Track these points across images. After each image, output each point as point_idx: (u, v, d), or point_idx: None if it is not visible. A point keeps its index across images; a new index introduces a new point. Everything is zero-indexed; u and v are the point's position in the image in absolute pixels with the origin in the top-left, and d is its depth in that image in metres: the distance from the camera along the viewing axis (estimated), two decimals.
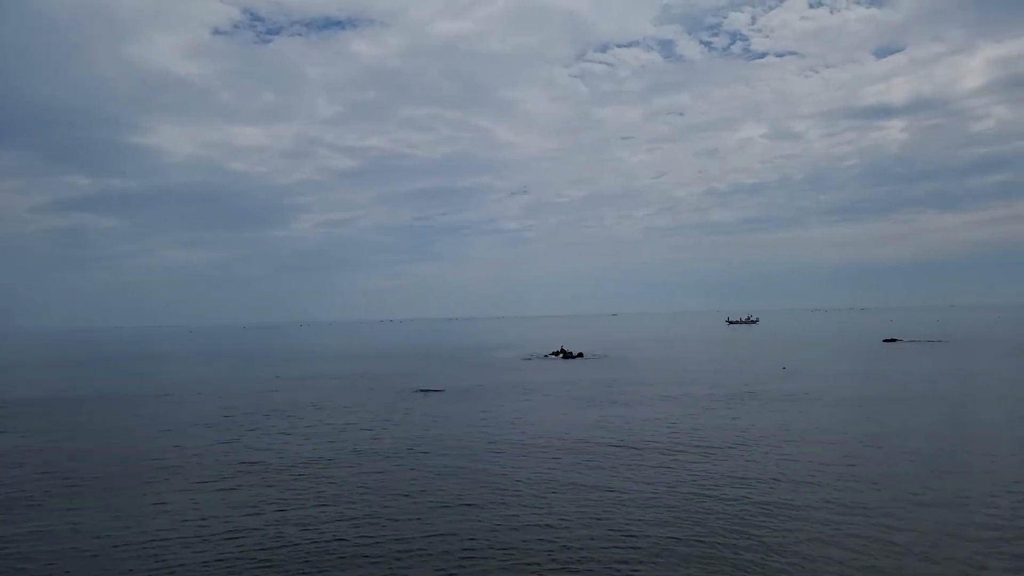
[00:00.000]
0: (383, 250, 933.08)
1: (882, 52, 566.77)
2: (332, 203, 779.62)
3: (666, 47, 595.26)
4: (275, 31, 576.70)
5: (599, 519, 14.98)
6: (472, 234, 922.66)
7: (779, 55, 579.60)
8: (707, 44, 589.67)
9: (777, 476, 18.36)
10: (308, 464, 21.29)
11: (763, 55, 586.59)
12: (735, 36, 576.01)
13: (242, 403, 36.80)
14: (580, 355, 69.27)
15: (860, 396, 34.89)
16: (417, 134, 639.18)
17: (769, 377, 44.90)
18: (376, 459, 21.92)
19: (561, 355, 70.27)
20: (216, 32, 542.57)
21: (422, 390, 41.07)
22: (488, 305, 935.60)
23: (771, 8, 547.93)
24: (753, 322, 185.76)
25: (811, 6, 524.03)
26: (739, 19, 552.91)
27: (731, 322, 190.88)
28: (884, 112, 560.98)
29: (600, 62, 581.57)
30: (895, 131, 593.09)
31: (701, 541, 13.41)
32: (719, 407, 31.52)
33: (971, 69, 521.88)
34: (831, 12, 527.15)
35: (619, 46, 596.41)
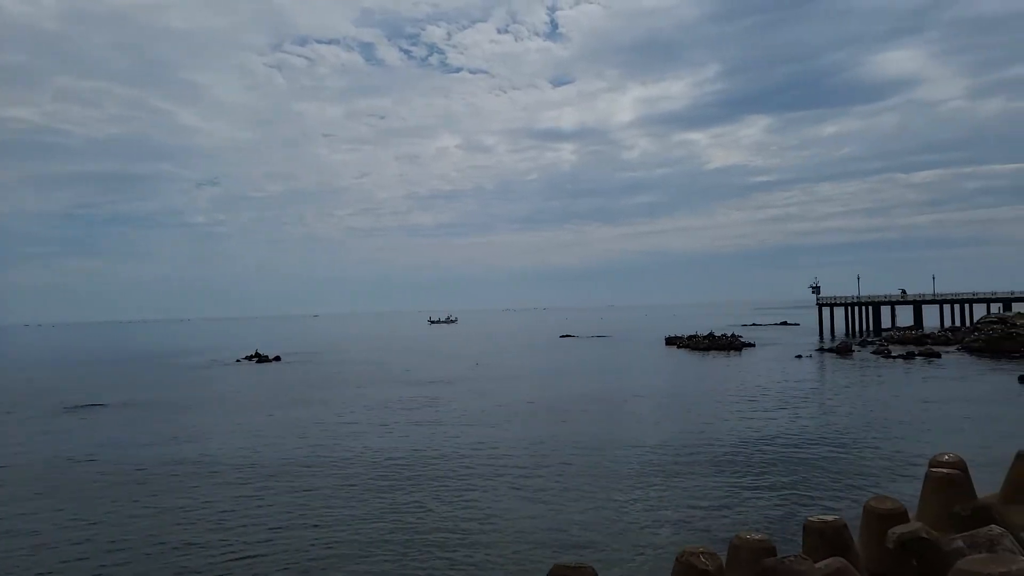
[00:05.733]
0: (31, 241, 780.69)
1: (557, 81, 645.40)
2: None
3: (367, 50, 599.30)
4: None
5: (282, 528, 13.60)
6: (150, 227, 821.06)
7: (472, 72, 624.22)
8: (407, 52, 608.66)
9: (463, 459, 18.90)
10: None
11: (459, 70, 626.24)
12: (433, 48, 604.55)
13: None
14: (277, 359, 65.24)
15: (541, 383, 38.54)
16: (79, 109, 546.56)
17: (465, 371, 47.20)
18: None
19: (255, 359, 65.40)
20: None
21: (73, 407, 34.36)
22: (172, 307, 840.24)
23: (464, 27, 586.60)
24: (453, 322, 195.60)
25: (499, 31, 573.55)
26: (436, 33, 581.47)
27: (432, 322, 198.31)
28: (557, 135, 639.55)
29: (299, 55, 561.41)
30: (566, 153, 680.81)
31: (387, 527, 12.93)
32: (416, 400, 31.88)
33: (623, 105, 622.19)
34: (515, 39, 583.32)
35: (319, 42, 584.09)
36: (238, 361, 65.08)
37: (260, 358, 65.41)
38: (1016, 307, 74.08)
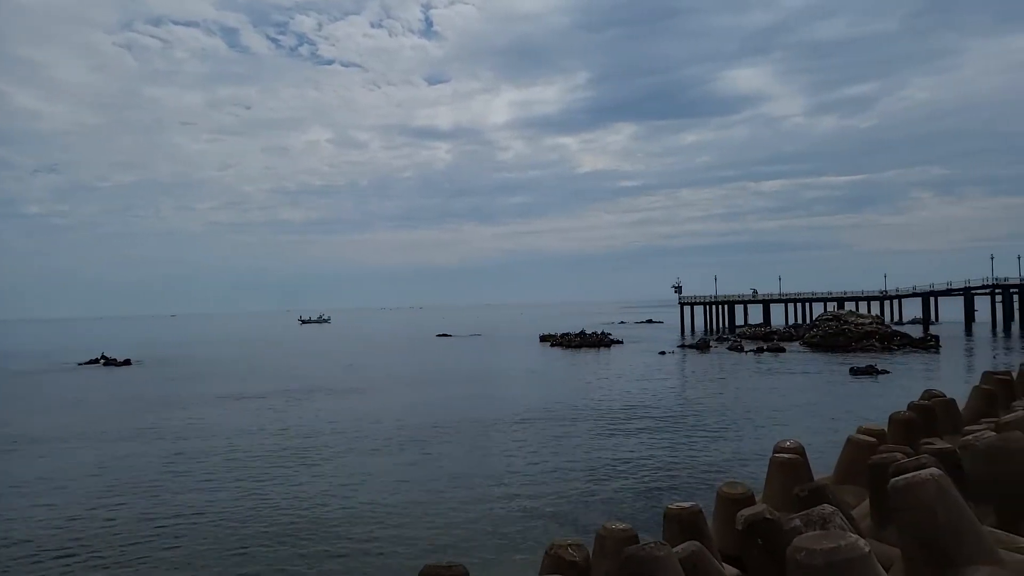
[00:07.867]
0: None
1: (433, 80, 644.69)
2: None
3: (230, 35, 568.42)
4: None
5: (132, 545, 12.46)
6: None
7: (345, 65, 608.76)
8: (275, 41, 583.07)
9: (329, 461, 18.27)
10: None
11: (331, 62, 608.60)
12: (303, 38, 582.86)
13: None
14: (127, 362, 60.09)
15: (414, 383, 38.15)
16: None
17: (336, 373, 45.77)
18: None
19: (102, 363, 59.89)
20: None
21: None
22: (2, 305, 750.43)
23: (336, 19, 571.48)
24: (325, 321, 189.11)
25: (372, 25, 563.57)
26: (306, 22, 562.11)
27: (304, 321, 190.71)
28: (433, 134, 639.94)
29: (153, 36, 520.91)
30: (442, 152, 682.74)
31: (249, 535, 12.21)
32: (284, 405, 30.46)
33: (497, 107, 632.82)
34: (390, 35, 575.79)
35: (175, 23, 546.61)
36: (80, 365, 59.33)
37: (107, 361, 60.02)
38: (848, 305, 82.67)
